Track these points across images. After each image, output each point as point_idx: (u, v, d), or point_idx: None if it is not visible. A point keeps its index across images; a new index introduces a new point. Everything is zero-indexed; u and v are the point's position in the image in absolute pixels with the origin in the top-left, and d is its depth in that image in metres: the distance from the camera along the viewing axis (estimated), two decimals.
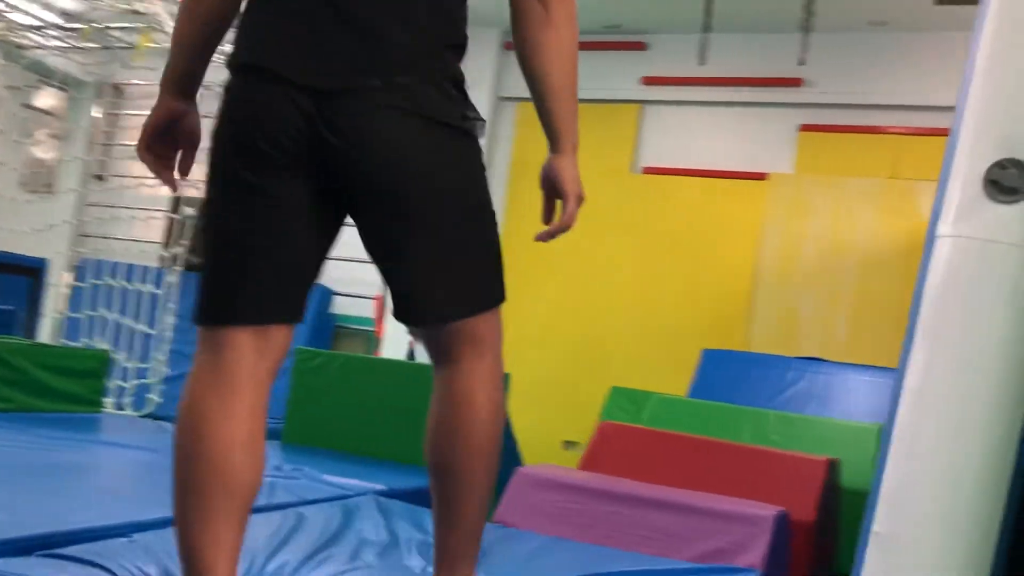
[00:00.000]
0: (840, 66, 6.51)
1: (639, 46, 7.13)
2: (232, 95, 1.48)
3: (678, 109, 7.08)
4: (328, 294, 7.63)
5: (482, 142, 1.62)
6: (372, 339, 7.84)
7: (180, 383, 1.51)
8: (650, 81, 7.07)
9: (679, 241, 6.88)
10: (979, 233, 1.47)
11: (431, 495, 1.64)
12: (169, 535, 1.95)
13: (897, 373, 1.57)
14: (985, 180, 1.47)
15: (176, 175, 1.63)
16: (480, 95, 7.45)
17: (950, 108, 5.90)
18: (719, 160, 6.88)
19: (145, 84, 7.80)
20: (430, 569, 2.06)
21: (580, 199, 1.71)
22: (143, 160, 1.61)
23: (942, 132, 6.35)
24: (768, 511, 2.69)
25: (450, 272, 1.52)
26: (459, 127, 1.52)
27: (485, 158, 1.64)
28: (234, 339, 1.44)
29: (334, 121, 1.41)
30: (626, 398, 6.76)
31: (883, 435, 1.55)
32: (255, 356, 1.45)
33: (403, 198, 1.46)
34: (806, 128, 6.65)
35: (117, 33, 7.15)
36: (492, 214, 1.62)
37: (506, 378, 4.14)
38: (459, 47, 1.56)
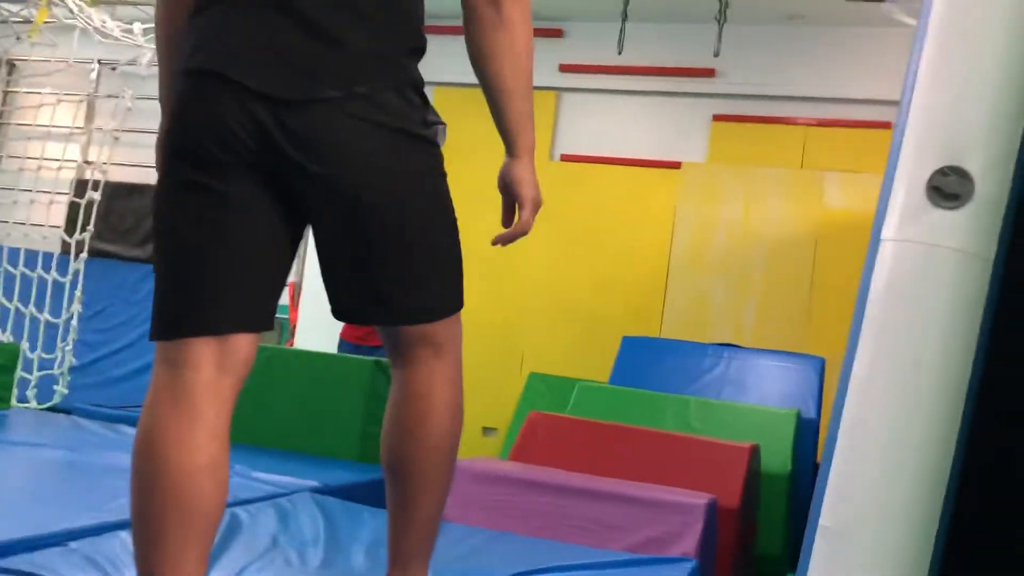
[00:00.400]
0: (753, 58, 6.67)
1: (556, 33, 7.15)
2: (183, 99, 1.41)
3: (595, 97, 7.14)
4: None
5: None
6: (286, 327, 7.71)
7: (86, 373, 1.46)
8: (568, 68, 7.11)
9: (596, 228, 6.95)
10: (922, 238, 1.53)
11: (387, 494, 1.63)
12: (106, 541, 1.90)
13: (842, 372, 1.62)
14: (928, 186, 1.53)
15: None
16: None
17: (858, 101, 6.13)
18: (635, 148, 6.97)
19: (42, 61, 7.46)
20: (374, 570, 2.05)
21: (537, 205, 1.71)
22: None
23: (850, 124, 6.63)
24: (700, 499, 2.75)
25: (412, 278, 1.52)
26: (420, 134, 1.50)
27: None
28: (194, 353, 1.37)
29: (292, 131, 1.38)
30: (544, 384, 6.83)
31: (829, 431, 1.60)
32: (217, 372, 1.38)
33: (364, 207, 1.44)
34: (719, 118, 6.80)
35: (12, 7, 6.81)
36: (453, 221, 1.61)
37: None
38: (418, 50, 1.54)
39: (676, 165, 6.83)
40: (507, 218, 1.72)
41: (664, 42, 6.88)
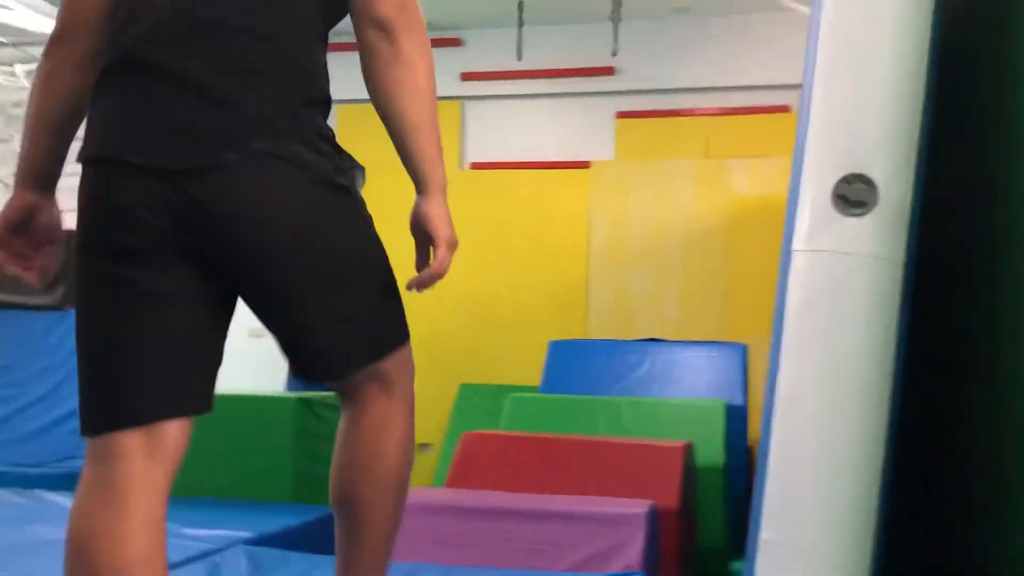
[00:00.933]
0: (649, 53, 6.74)
1: (455, 42, 7.12)
2: (87, 191, 1.40)
3: (499, 103, 7.14)
4: None
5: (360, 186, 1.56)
6: None
7: None
8: (469, 76, 7.08)
9: (512, 234, 6.95)
10: (832, 246, 1.55)
11: (336, 531, 1.60)
12: None
13: (768, 383, 1.63)
14: (834, 195, 1.55)
15: (37, 274, 1.54)
16: None
17: (755, 87, 6.24)
18: (543, 151, 6.99)
19: None
20: None
21: (452, 244, 1.67)
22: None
23: (750, 110, 6.75)
24: (640, 508, 2.76)
25: (346, 324, 1.51)
26: (333, 182, 1.46)
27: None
28: (120, 446, 1.33)
29: (199, 201, 1.34)
30: (476, 394, 6.79)
31: (761, 441, 1.62)
32: (146, 462, 1.34)
33: (285, 264, 1.41)
34: (622, 115, 6.86)
35: None
36: (382, 258, 1.61)
37: None
38: (320, 101, 1.49)
39: (585, 164, 6.87)
40: (421, 261, 1.67)
41: (562, 44, 6.91)
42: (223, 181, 1.35)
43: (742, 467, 4.58)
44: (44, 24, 6.39)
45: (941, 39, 1.61)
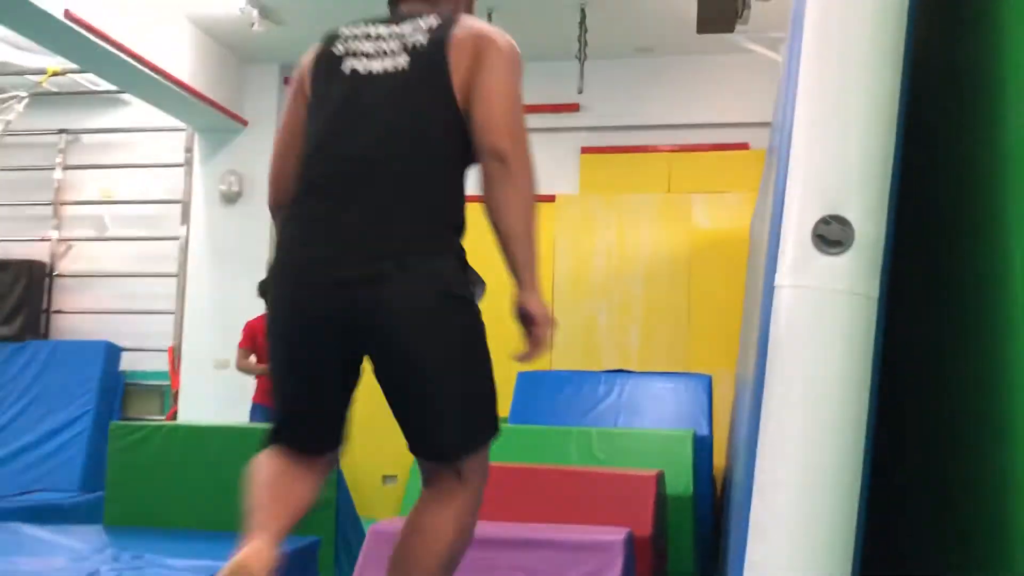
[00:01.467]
0: (613, 91, 6.91)
1: None
2: (273, 292, 1.91)
3: None
4: (116, 350, 7.17)
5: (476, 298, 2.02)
6: (167, 394, 7.46)
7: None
8: None
9: (478, 266, 7.02)
10: (812, 282, 1.65)
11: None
12: None
13: (750, 414, 1.73)
14: (813, 235, 1.66)
15: None
16: (265, 133, 7.28)
17: (715, 125, 6.41)
18: None
19: None
20: None
21: (547, 322, 2.02)
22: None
23: (710, 147, 6.93)
24: (617, 535, 2.83)
25: (444, 419, 1.87)
26: (460, 295, 1.90)
27: None
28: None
29: (356, 303, 1.79)
30: None
31: (745, 470, 1.70)
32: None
33: (415, 361, 1.82)
34: (587, 150, 7.01)
35: None
36: (487, 367, 1.97)
37: None
38: (460, 227, 1.96)
39: (550, 199, 6.99)
40: (527, 339, 2.02)
41: (529, 80, 7.00)
42: (380, 288, 1.78)
43: (708, 495, 4.68)
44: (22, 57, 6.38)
45: (911, 85, 1.74)
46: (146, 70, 6.08)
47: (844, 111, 1.69)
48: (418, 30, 1.95)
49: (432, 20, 1.98)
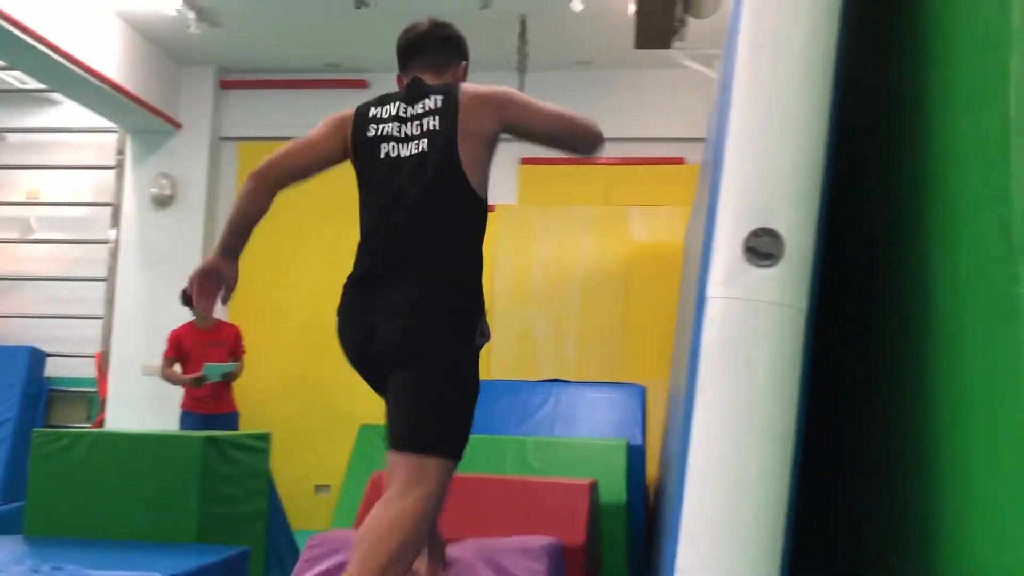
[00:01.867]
0: (553, 103, 6.93)
1: (361, 84, 7.20)
2: (341, 333, 2.47)
3: None
4: (40, 356, 6.97)
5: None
6: (94, 401, 7.27)
7: None
8: None
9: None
10: (743, 294, 1.69)
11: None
12: None
13: (682, 423, 1.75)
14: (744, 247, 1.69)
15: (210, 303, 2.46)
16: (199, 136, 7.17)
17: (652, 139, 6.51)
18: None
19: None
20: None
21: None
22: (191, 287, 2.41)
23: (647, 161, 7.02)
24: (543, 543, 2.84)
25: (423, 423, 2.21)
26: (471, 342, 2.28)
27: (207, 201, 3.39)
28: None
29: (384, 361, 2.32)
30: (377, 435, 6.78)
31: (676, 478, 1.73)
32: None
33: (420, 381, 2.23)
34: (526, 161, 7.05)
35: None
36: (473, 396, 2.32)
37: (268, 436, 4.02)
38: (476, 286, 2.35)
39: (490, 209, 7.00)
40: None
41: None
42: (389, 334, 2.28)
43: (641, 503, 4.73)
44: None
45: (841, 103, 1.79)
46: (76, 69, 5.94)
47: (775, 126, 1.73)
48: (428, 113, 2.35)
49: (439, 99, 2.36)
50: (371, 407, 6.90)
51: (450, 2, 5.97)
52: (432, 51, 2.51)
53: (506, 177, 7.07)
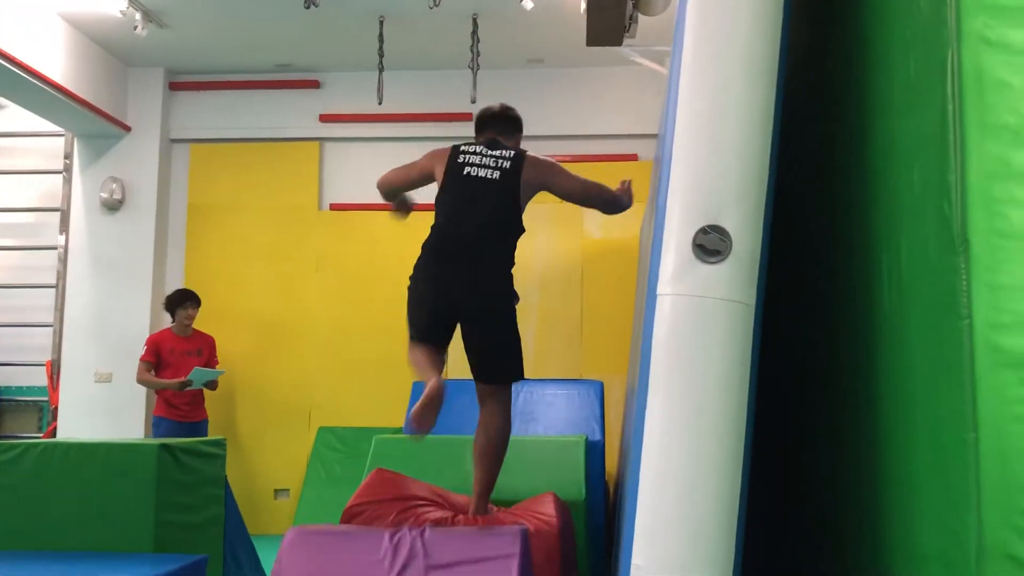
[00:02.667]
0: (506, 100, 6.90)
1: (313, 84, 7.15)
2: (418, 290, 3.30)
3: (359, 145, 7.20)
4: None
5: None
6: (46, 410, 7.14)
7: None
8: (328, 119, 7.12)
9: (372, 275, 6.98)
10: (692, 291, 1.71)
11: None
12: None
13: (636, 414, 1.77)
14: (693, 244, 1.71)
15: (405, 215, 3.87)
16: (149, 139, 7.07)
17: (605, 136, 6.56)
18: None
19: None
20: None
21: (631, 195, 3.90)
22: (391, 207, 3.86)
23: (600, 158, 7.07)
24: (512, 529, 2.84)
25: (498, 360, 3.32)
26: (512, 301, 3.34)
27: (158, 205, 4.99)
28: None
29: (461, 306, 3.25)
30: (335, 438, 6.75)
31: (631, 475, 1.74)
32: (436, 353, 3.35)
33: (484, 325, 3.26)
34: None
35: None
36: (518, 336, 3.36)
37: (224, 442, 3.98)
38: (512, 264, 3.36)
39: None
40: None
41: (422, 90, 7.05)
42: (469, 304, 3.21)
43: (601, 500, 4.75)
44: None
45: (785, 104, 1.82)
46: (19, 72, 5.82)
47: (720, 125, 1.75)
48: (503, 158, 3.38)
49: (509, 152, 3.41)
50: (327, 410, 6.89)
51: (402, 1, 5.97)
52: (502, 124, 3.62)
53: None
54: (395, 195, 3.77)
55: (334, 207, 7.16)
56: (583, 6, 5.19)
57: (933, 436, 1.61)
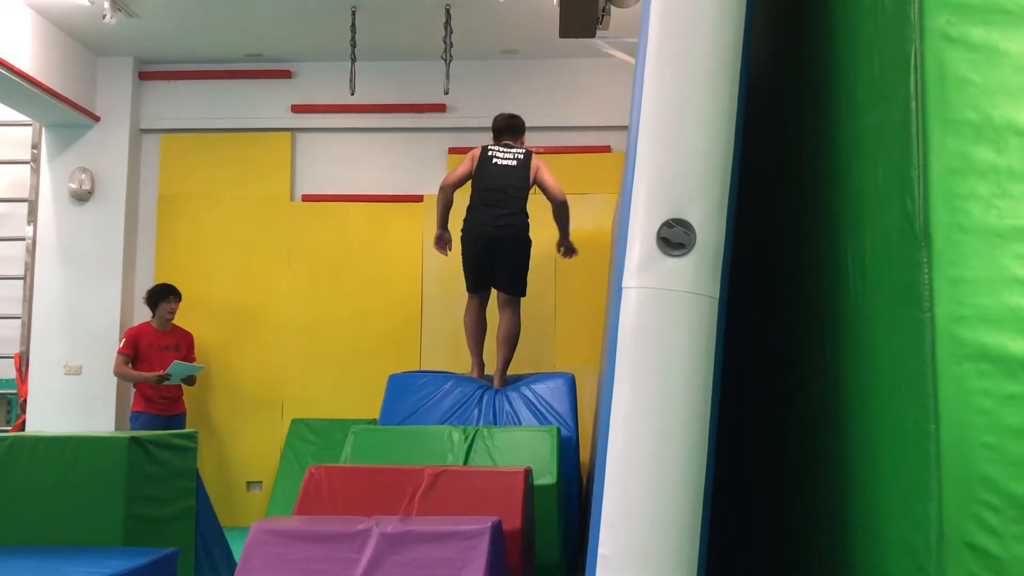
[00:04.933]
0: (480, 92, 6.96)
1: (285, 74, 7.10)
2: (470, 235, 5.31)
3: (332, 136, 7.16)
4: None
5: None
6: (14, 403, 7.07)
7: None
8: (300, 109, 7.07)
9: (345, 266, 6.96)
10: (657, 283, 1.72)
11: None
12: None
13: (603, 408, 1.78)
14: (657, 238, 1.72)
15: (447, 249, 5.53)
16: (119, 129, 6.99)
17: (578, 128, 6.57)
18: (376, 184, 7.06)
19: None
20: None
21: (575, 249, 5.88)
22: (438, 245, 5.53)
23: (574, 150, 7.07)
24: (484, 523, 2.86)
25: (512, 280, 5.34)
26: (529, 238, 5.38)
27: (128, 196, 6.40)
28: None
29: (494, 239, 5.26)
30: (308, 429, 6.73)
31: (599, 466, 1.76)
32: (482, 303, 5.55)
33: (510, 258, 5.29)
34: (454, 150, 7.03)
35: None
36: (527, 261, 5.41)
37: (195, 435, 3.96)
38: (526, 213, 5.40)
39: (418, 199, 6.99)
40: (566, 254, 5.88)
41: (395, 80, 7.02)
42: (504, 234, 5.24)
43: (574, 490, 4.78)
44: None
45: (750, 99, 1.83)
46: None
47: (684, 119, 1.77)
48: (518, 153, 5.39)
49: (522, 152, 5.41)
50: (300, 401, 6.86)
51: None
52: (512, 131, 5.55)
53: (434, 166, 7.05)
54: (450, 202, 5.41)
55: (306, 198, 7.12)
56: None
57: (895, 426, 1.64)
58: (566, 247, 5.58)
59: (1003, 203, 1.58)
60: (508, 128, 5.52)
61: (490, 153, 5.35)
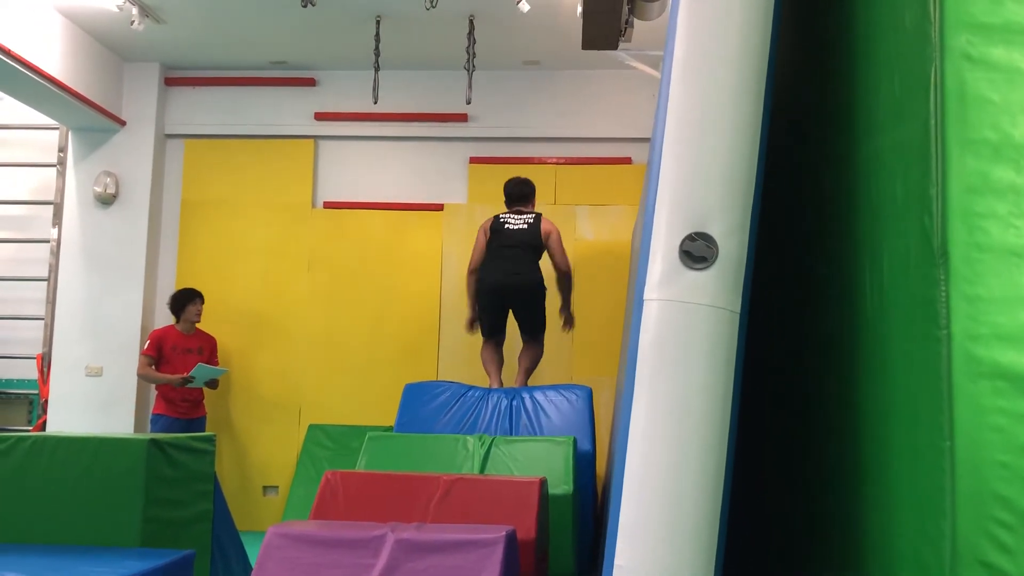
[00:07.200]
0: (501, 102, 7.00)
1: (309, 82, 7.17)
2: (482, 295, 5.68)
3: (354, 144, 7.21)
4: None
5: None
6: (36, 403, 7.14)
7: None
8: (323, 117, 7.14)
9: (365, 274, 7.00)
10: (678, 296, 1.74)
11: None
12: None
13: (622, 417, 1.80)
14: (680, 251, 1.74)
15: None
16: (144, 134, 7.08)
17: (599, 139, 6.60)
18: (397, 192, 7.10)
19: None
20: None
21: (573, 321, 6.15)
22: (471, 328, 5.91)
23: (594, 161, 7.09)
24: (498, 532, 2.88)
25: (531, 325, 5.70)
26: (543, 291, 5.67)
27: (151, 200, 6.43)
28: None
29: (514, 293, 5.65)
30: (325, 435, 6.76)
31: (616, 477, 1.77)
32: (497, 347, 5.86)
33: (527, 309, 5.65)
34: (475, 160, 7.07)
35: None
36: (544, 310, 5.73)
37: (213, 438, 4.00)
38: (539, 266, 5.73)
39: (439, 207, 7.03)
40: (566, 325, 6.11)
41: (418, 90, 7.07)
42: (517, 283, 5.58)
43: (589, 501, 4.78)
44: None
45: (773, 116, 1.85)
46: (15, 65, 5.83)
47: (709, 133, 1.79)
48: (528, 217, 5.70)
49: (532, 216, 5.71)
50: (317, 407, 6.90)
51: (399, 1, 5.99)
52: (522, 198, 5.82)
53: (456, 176, 7.09)
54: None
55: (328, 205, 7.18)
56: (579, 9, 5.22)
57: (910, 443, 1.64)
58: (566, 317, 5.82)
59: (1021, 222, 1.59)
60: (519, 196, 5.81)
61: (502, 220, 5.70)
